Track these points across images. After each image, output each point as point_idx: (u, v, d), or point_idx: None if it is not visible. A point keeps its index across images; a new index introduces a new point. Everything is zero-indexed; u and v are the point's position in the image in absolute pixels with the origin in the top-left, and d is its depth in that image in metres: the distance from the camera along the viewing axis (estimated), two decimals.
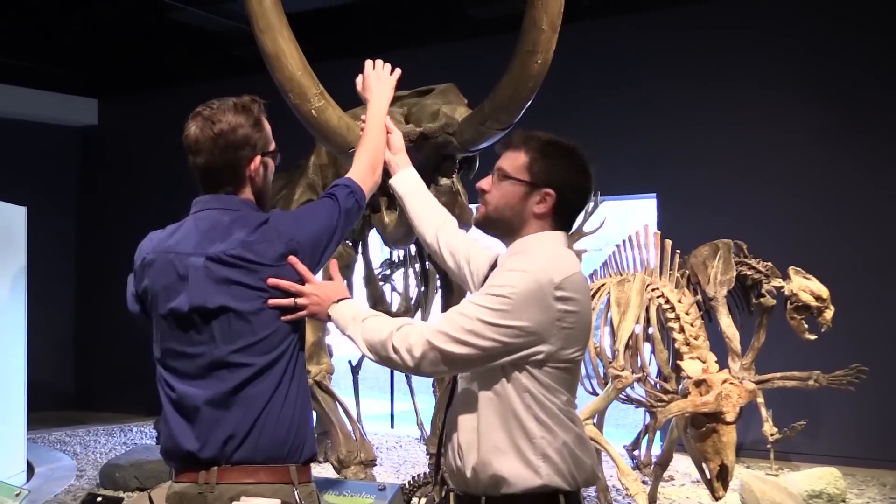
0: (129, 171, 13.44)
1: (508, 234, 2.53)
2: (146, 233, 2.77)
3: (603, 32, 10.02)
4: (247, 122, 2.61)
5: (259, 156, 2.63)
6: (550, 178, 2.45)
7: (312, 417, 2.64)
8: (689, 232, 7.16)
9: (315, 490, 2.58)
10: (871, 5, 9.09)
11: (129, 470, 7.75)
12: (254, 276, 2.47)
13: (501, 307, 2.27)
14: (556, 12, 4.02)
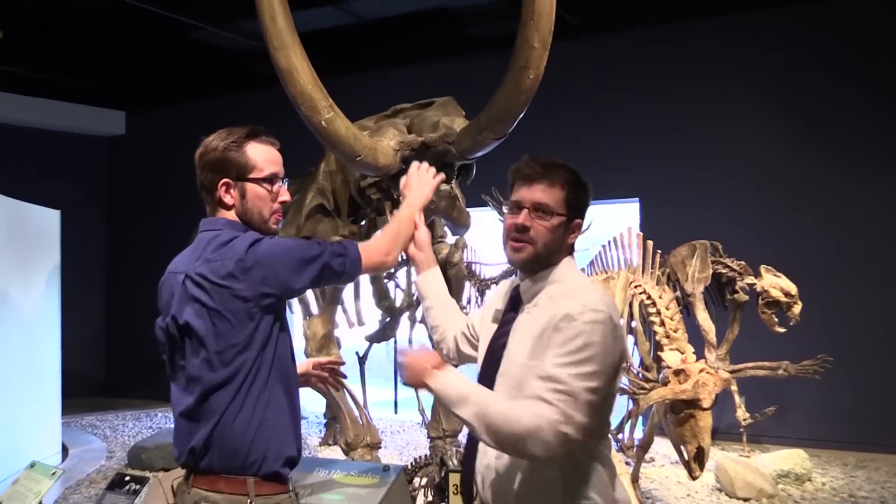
0: (154, 178, 13.46)
1: (546, 266, 2.37)
2: (169, 234, 2.79)
3: (590, 50, 10.01)
4: (224, 147, 2.51)
5: (230, 180, 2.52)
6: (580, 209, 2.40)
7: (283, 432, 2.47)
8: (669, 233, 7.14)
9: (288, 502, 2.46)
10: (839, 23, 9.08)
11: (154, 452, 7.79)
12: (207, 294, 2.40)
13: (596, 367, 2.14)
14: (547, 31, 4.01)
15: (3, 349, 7.45)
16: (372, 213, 5.89)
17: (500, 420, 2.09)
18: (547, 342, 2.19)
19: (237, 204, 2.52)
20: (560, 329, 2.17)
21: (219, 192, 2.51)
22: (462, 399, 2.15)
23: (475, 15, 9.97)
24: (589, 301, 2.21)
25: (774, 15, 9.36)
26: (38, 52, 11.39)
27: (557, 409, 2.07)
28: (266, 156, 2.55)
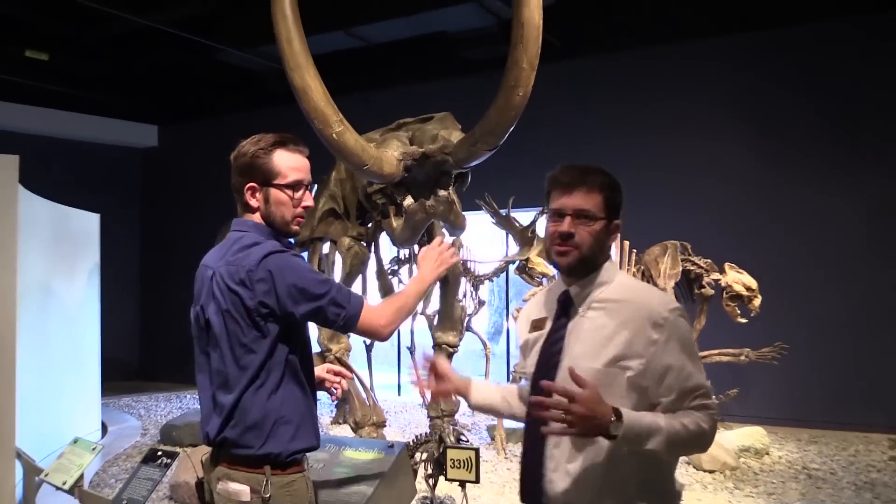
0: (183, 185, 13.53)
1: (591, 271, 2.20)
2: (197, 235, 2.75)
3: (574, 69, 10.02)
4: (253, 153, 2.44)
5: (256, 184, 2.45)
6: (617, 211, 2.23)
7: (297, 426, 2.38)
8: (643, 234, 7.13)
9: (299, 481, 2.38)
10: (798, 44, 9.09)
11: (184, 430, 7.78)
12: (223, 295, 2.36)
13: (698, 352, 2.16)
14: (535, 54, 4.02)
15: (50, 338, 7.46)
16: (378, 217, 5.89)
17: (685, 439, 2.00)
18: (649, 354, 2.04)
19: (262, 207, 2.45)
20: (656, 341, 2.05)
21: (245, 194, 2.46)
22: (649, 434, 1.94)
23: (470, 39, 9.98)
24: (662, 298, 2.17)
25: (738, 38, 9.37)
26: (79, 72, 11.44)
27: (710, 408, 2.08)
28: (291, 163, 2.44)
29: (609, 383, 2.03)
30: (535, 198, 7.20)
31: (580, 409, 1.85)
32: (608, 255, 2.24)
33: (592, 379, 1.97)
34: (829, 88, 8.84)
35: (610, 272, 2.20)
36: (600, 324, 2.10)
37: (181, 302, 2.61)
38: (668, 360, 2.04)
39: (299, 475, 2.38)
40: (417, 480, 5.26)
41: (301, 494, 2.35)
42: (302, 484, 2.38)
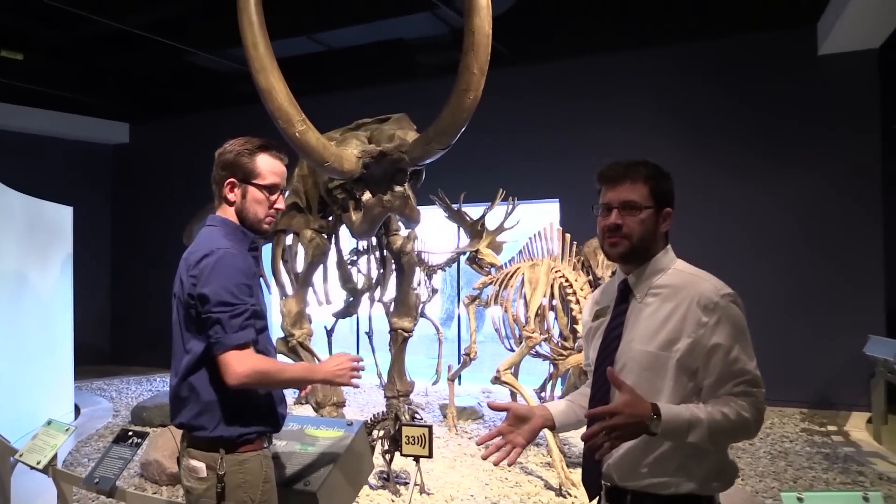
0: (153, 180, 13.34)
1: (645, 259, 2.11)
2: (165, 227, 2.68)
3: (521, 75, 10.05)
4: (238, 151, 2.43)
5: (236, 180, 2.43)
6: (667, 199, 2.14)
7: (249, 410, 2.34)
8: (584, 227, 7.18)
9: (252, 459, 2.34)
10: (726, 53, 9.25)
11: (154, 411, 7.66)
12: (181, 285, 2.38)
13: (749, 339, 2.01)
14: (485, 60, 4.02)
15: (24, 325, 7.31)
16: (338, 210, 5.85)
17: (729, 429, 1.89)
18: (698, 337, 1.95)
19: (238, 202, 2.44)
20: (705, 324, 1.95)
21: (225, 188, 2.44)
22: (689, 427, 1.86)
23: (425, 46, 9.97)
24: (716, 283, 2.02)
25: (673, 48, 9.51)
26: (54, 72, 11.17)
27: (755, 396, 1.94)
28: (271, 167, 2.45)
29: (661, 366, 1.98)
30: (484, 194, 7.24)
31: (618, 420, 1.79)
32: (663, 243, 2.15)
33: (646, 362, 1.99)
34: (749, 95, 9.04)
35: (666, 259, 2.12)
36: (655, 308, 2.04)
37: (150, 290, 2.54)
38: (716, 340, 1.94)
39: (253, 454, 2.35)
40: (375, 456, 5.26)
41: (254, 472, 2.33)
42: (256, 462, 2.35)
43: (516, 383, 5.99)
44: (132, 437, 3.82)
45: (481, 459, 2.28)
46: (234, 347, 2.23)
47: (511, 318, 6.18)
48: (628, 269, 2.14)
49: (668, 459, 1.97)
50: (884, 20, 7.76)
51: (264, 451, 2.40)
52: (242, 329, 2.25)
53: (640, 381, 1.97)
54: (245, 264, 2.35)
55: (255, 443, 2.37)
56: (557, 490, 5.31)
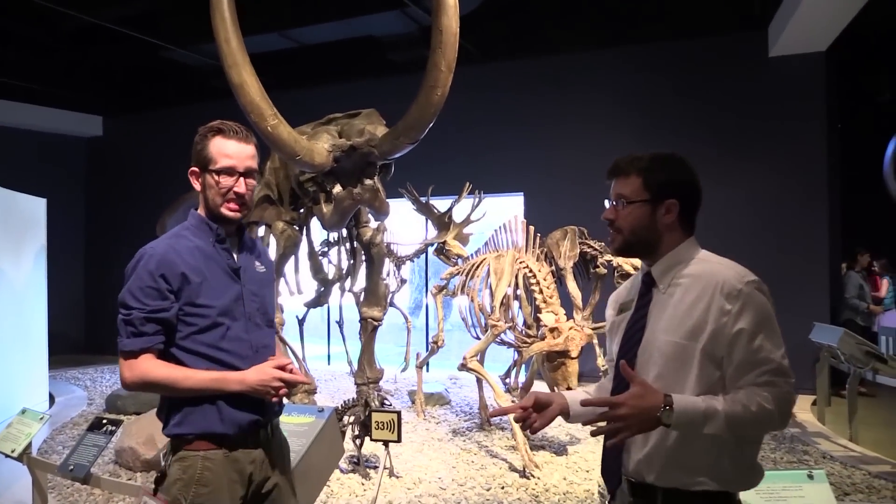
0: (126, 172, 13.16)
1: (649, 252, 2.01)
2: (139, 219, 2.58)
3: (487, 73, 10.06)
4: (197, 140, 2.27)
5: (197, 169, 2.27)
6: (668, 190, 1.98)
7: (189, 404, 2.19)
8: (547, 220, 7.24)
9: (191, 459, 2.18)
10: (688, 55, 9.34)
11: (128, 399, 7.56)
12: None
13: (776, 329, 1.85)
14: (452, 58, 4.01)
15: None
16: (309, 202, 5.81)
17: (749, 421, 1.76)
18: (721, 325, 1.83)
19: (202, 191, 2.29)
20: (727, 311, 1.83)
21: (191, 178, 2.31)
22: (706, 418, 1.75)
23: (394, 43, 9.92)
24: (739, 271, 1.90)
25: (632, 48, 9.58)
26: (29, 65, 10.93)
27: (779, 387, 1.79)
28: (224, 150, 2.23)
29: (687, 356, 1.86)
30: (451, 187, 7.24)
31: (622, 411, 1.72)
32: (680, 234, 2.01)
33: (671, 352, 1.88)
34: (704, 93, 9.15)
35: (689, 250, 2.00)
36: (678, 299, 1.92)
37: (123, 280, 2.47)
38: (739, 327, 1.82)
39: (192, 454, 2.19)
40: (346, 441, 5.25)
41: (189, 472, 2.18)
42: (194, 463, 2.19)
43: (482, 370, 6.01)
44: (106, 425, 3.77)
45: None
46: (125, 352, 2.13)
47: (477, 307, 6.19)
48: (650, 261, 2.03)
49: (702, 456, 1.85)
50: (830, 25, 7.91)
51: (208, 453, 2.20)
52: (131, 336, 2.12)
53: (666, 371, 1.89)
54: (160, 265, 2.15)
55: (195, 444, 2.20)
56: (521, 472, 5.34)
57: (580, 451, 5.98)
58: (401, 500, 4.83)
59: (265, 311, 2.39)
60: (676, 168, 2.02)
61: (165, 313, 2.14)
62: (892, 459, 5.76)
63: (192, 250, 2.23)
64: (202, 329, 2.20)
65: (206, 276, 2.22)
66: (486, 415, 6.91)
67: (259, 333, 2.33)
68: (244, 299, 2.30)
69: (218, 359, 2.20)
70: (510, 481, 5.19)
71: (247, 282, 2.33)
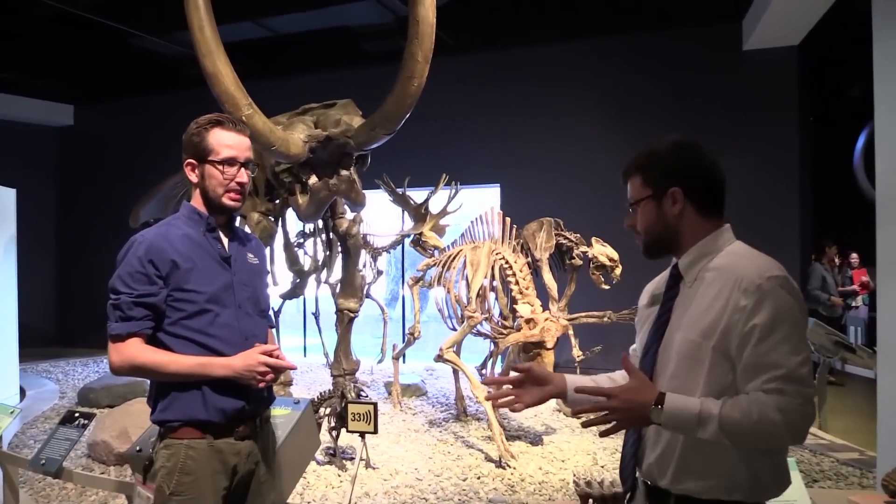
0: (97, 162, 12.97)
1: (672, 247, 1.90)
2: (111, 210, 2.55)
3: (464, 64, 10.04)
4: (193, 131, 2.30)
5: (194, 161, 2.30)
6: (667, 179, 1.85)
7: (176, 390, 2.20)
8: (523, 212, 7.26)
9: (176, 447, 2.19)
10: (653, 50, 9.40)
11: (101, 392, 7.47)
12: None
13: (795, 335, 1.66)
14: (429, 48, 4.00)
15: None
16: (285, 193, 5.77)
17: (748, 431, 1.62)
18: (735, 322, 1.69)
19: (199, 182, 2.32)
20: (743, 308, 1.68)
21: (186, 170, 2.33)
22: (699, 422, 1.65)
23: (370, 33, 9.88)
24: (761, 266, 1.72)
25: (609, 40, 9.62)
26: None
27: (789, 396, 1.61)
28: (225, 141, 2.29)
29: (701, 356, 1.75)
30: (428, 178, 7.23)
31: (613, 403, 1.69)
32: (703, 225, 1.86)
33: (686, 350, 1.78)
34: (679, 86, 9.22)
35: (718, 241, 1.85)
36: (700, 294, 1.80)
37: (96, 272, 2.43)
38: (752, 323, 1.67)
39: (177, 442, 2.21)
40: (322, 433, 5.23)
41: (172, 460, 2.19)
42: (178, 451, 2.19)
43: (458, 361, 6.02)
44: (79, 419, 3.73)
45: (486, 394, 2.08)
46: (114, 337, 2.16)
47: (453, 298, 6.20)
48: (677, 254, 1.92)
49: (716, 462, 1.73)
50: (802, 19, 8.01)
51: (192, 442, 2.21)
52: (119, 321, 2.15)
53: (679, 370, 1.79)
54: (149, 252, 2.17)
55: (180, 431, 2.21)
56: (497, 462, 5.37)
57: (556, 442, 6.02)
58: (377, 492, 4.83)
59: (256, 301, 2.42)
60: (674, 154, 1.90)
61: (153, 298, 2.17)
62: (859, 447, 5.87)
63: (182, 238, 2.27)
64: (190, 315, 2.22)
65: (195, 263, 2.25)
66: (462, 406, 6.93)
67: (249, 322, 2.35)
68: (234, 288, 2.32)
69: (206, 345, 2.22)
70: (486, 471, 5.22)
71: (237, 271, 2.36)
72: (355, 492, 4.66)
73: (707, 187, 1.87)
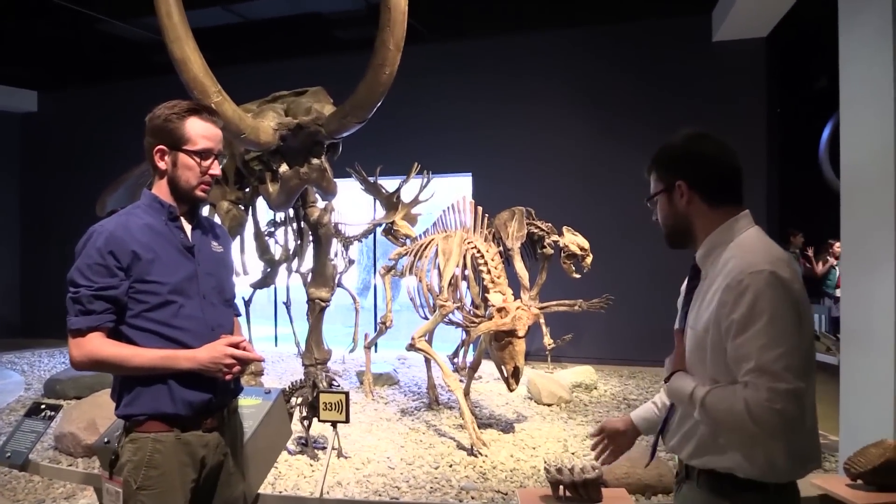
0: (61, 149, 12.69)
1: (689, 240, 1.96)
2: (77, 198, 2.49)
3: (436, 52, 10.00)
4: (166, 116, 2.22)
5: (165, 147, 2.22)
6: (672, 173, 1.92)
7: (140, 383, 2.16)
8: (495, 201, 7.27)
9: (142, 441, 2.16)
10: (627, 41, 9.45)
11: (67, 383, 7.37)
12: None
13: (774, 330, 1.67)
14: (400, 36, 3.98)
15: None
16: (255, 182, 5.71)
17: (721, 417, 1.74)
18: (721, 317, 1.76)
19: (168, 169, 2.24)
20: (726, 303, 1.75)
21: (154, 156, 2.25)
22: (692, 402, 1.80)
23: (341, 20, 9.80)
24: (751, 259, 1.75)
25: (581, 30, 9.65)
26: None
27: (756, 390, 1.66)
28: (202, 131, 2.24)
29: (704, 348, 1.84)
30: (400, 167, 7.21)
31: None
32: (714, 217, 1.90)
33: (693, 342, 1.89)
34: (650, 76, 9.29)
35: (726, 233, 1.88)
36: (706, 287, 1.88)
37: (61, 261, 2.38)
38: (731, 317, 1.73)
39: (143, 436, 2.17)
40: (293, 422, 5.21)
41: (138, 454, 2.16)
42: (144, 445, 2.16)
43: (430, 350, 6.03)
44: (45, 410, 3.67)
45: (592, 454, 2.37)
46: (73, 331, 2.12)
47: (425, 287, 6.21)
48: (694, 246, 1.97)
49: (733, 442, 1.80)
50: (770, 11, 8.11)
51: (158, 435, 2.18)
52: (79, 315, 2.11)
53: (692, 358, 1.90)
54: (109, 242, 2.12)
55: (146, 425, 2.17)
56: (469, 450, 5.40)
57: (527, 429, 6.07)
58: (349, 481, 4.83)
59: (221, 290, 2.37)
60: (678, 147, 1.96)
61: (114, 290, 2.12)
62: (822, 432, 5.99)
63: (142, 228, 2.21)
64: (153, 307, 2.17)
65: (157, 253, 2.19)
66: (434, 394, 6.95)
67: (214, 312, 2.31)
68: (198, 277, 2.27)
69: (171, 337, 2.18)
70: (458, 459, 5.24)
71: (201, 260, 2.30)
72: (327, 481, 4.66)
73: (712, 178, 1.91)
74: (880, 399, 3.94)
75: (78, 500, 4.49)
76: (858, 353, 4.40)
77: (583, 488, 2.73)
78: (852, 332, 4.49)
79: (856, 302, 4.41)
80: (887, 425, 3.83)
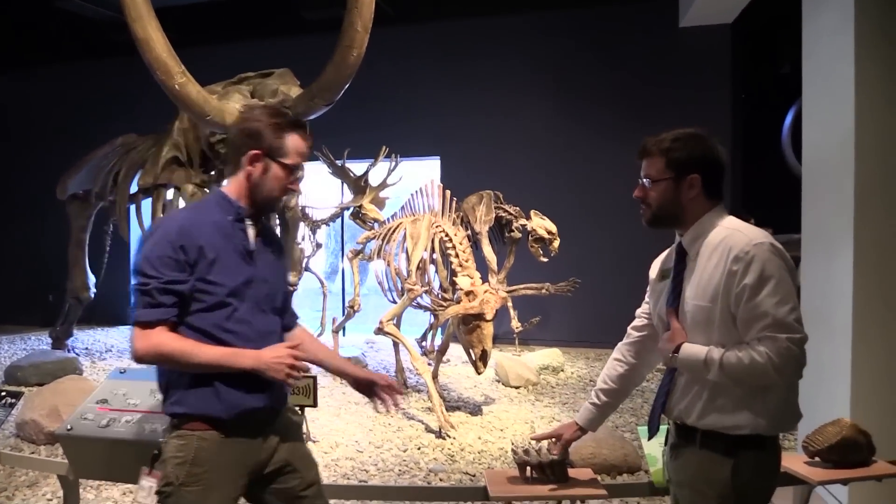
0: (21, 132, 12.23)
1: (677, 223, 2.21)
2: (35, 182, 2.43)
3: (405, 35, 9.93)
4: (269, 124, 2.23)
5: (262, 152, 2.23)
6: (689, 166, 2.14)
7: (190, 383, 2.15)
8: (463, 185, 7.27)
9: (189, 438, 2.15)
10: (595, 23, 9.48)
11: (29, 370, 7.22)
12: None
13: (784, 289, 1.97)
14: (368, 17, 3.95)
15: None
16: (220, 165, 5.65)
17: (743, 373, 1.96)
18: (731, 285, 2.02)
19: (257, 175, 2.24)
20: (735, 272, 2.01)
21: (245, 157, 2.24)
22: (706, 366, 2.02)
23: (309, 1, 9.67)
24: (750, 236, 2.04)
25: (549, 14, 9.65)
26: None
27: (778, 342, 1.93)
28: (298, 148, 2.26)
29: (711, 318, 2.07)
30: (367, 150, 7.17)
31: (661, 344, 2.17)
32: (705, 205, 2.18)
33: (699, 315, 2.09)
34: (617, 60, 9.34)
35: (713, 219, 2.16)
36: (702, 266, 2.12)
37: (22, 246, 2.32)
38: (743, 283, 1.99)
39: (189, 433, 2.16)
40: None
41: (184, 451, 2.15)
42: (189, 442, 2.15)
43: (398, 333, 6.04)
44: (6, 398, 3.61)
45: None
46: (140, 324, 2.09)
47: (393, 271, 6.20)
48: (681, 231, 2.24)
49: (727, 400, 2.06)
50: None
51: (205, 434, 2.16)
52: (147, 307, 2.09)
53: (695, 333, 2.11)
54: (181, 235, 2.11)
55: (193, 423, 2.16)
56: (437, 432, 5.43)
57: (494, 411, 6.12)
58: (318, 465, 4.83)
59: (273, 298, 2.35)
60: (696, 145, 2.18)
61: (182, 285, 2.11)
62: None
63: (210, 225, 2.20)
64: (210, 307, 2.16)
65: (219, 253, 2.17)
66: (402, 378, 6.96)
67: (264, 319, 2.29)
68: (255, 283, 2.26)
69: (221, 339, 2.16)
70: (426, 442, 5.27)
71: (260, 266, 2.29)
72: None
73: (719, 177, 2.20)
74: (837, 380, 4.04)
75: (41, 488, 4.43)
76: (817, 336, 4.48)
77: (549, 469, 2.76)
78: (811, 315, 4.59)
79: (815, 285, 4.50)
80: (843, 405, 3.93)
